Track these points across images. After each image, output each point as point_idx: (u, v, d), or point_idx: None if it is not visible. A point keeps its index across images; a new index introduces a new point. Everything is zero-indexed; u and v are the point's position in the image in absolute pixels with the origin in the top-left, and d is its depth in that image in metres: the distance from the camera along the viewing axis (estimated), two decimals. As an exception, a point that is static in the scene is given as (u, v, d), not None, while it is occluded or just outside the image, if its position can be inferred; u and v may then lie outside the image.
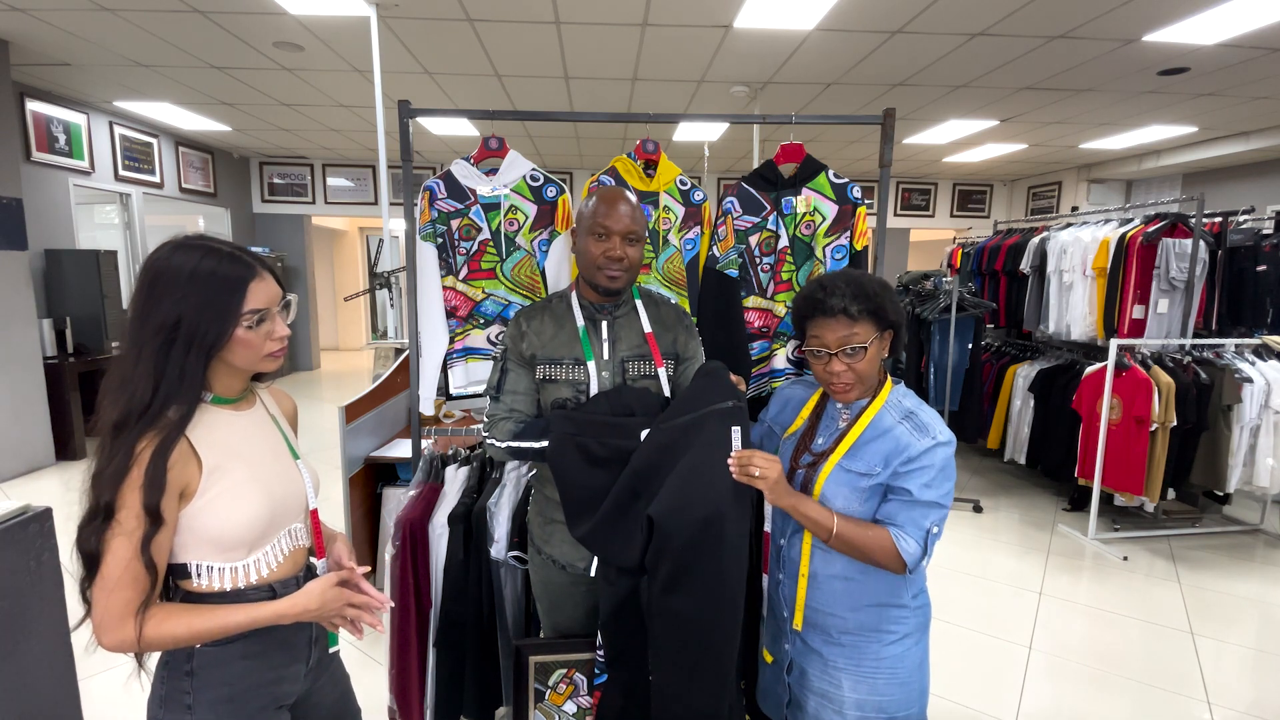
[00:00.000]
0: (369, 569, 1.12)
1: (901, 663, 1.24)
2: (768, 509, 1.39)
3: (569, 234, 1.94)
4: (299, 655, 1.07)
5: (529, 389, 1.44)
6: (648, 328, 1.45)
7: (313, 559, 1.12)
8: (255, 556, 1.00)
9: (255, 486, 0.99)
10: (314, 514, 1.11)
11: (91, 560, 0.89)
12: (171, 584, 0.98)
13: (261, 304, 0.97)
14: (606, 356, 1.42)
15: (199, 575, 0.97)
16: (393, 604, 1.13)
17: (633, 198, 1.39)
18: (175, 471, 0.92)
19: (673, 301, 1.57)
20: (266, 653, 1.02)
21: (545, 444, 1.34)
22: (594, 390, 1.40)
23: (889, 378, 1.29)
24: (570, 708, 1.48)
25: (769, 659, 1.41)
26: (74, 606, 1.59)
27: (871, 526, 1.18)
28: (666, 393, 1.44)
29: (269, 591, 1.02)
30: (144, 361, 0.91)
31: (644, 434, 1.30)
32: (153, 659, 1.00)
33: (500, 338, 1.97)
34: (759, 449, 1.28)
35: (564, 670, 1.48)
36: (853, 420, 1.26)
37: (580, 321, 1.43)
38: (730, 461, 1.20)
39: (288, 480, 1.07)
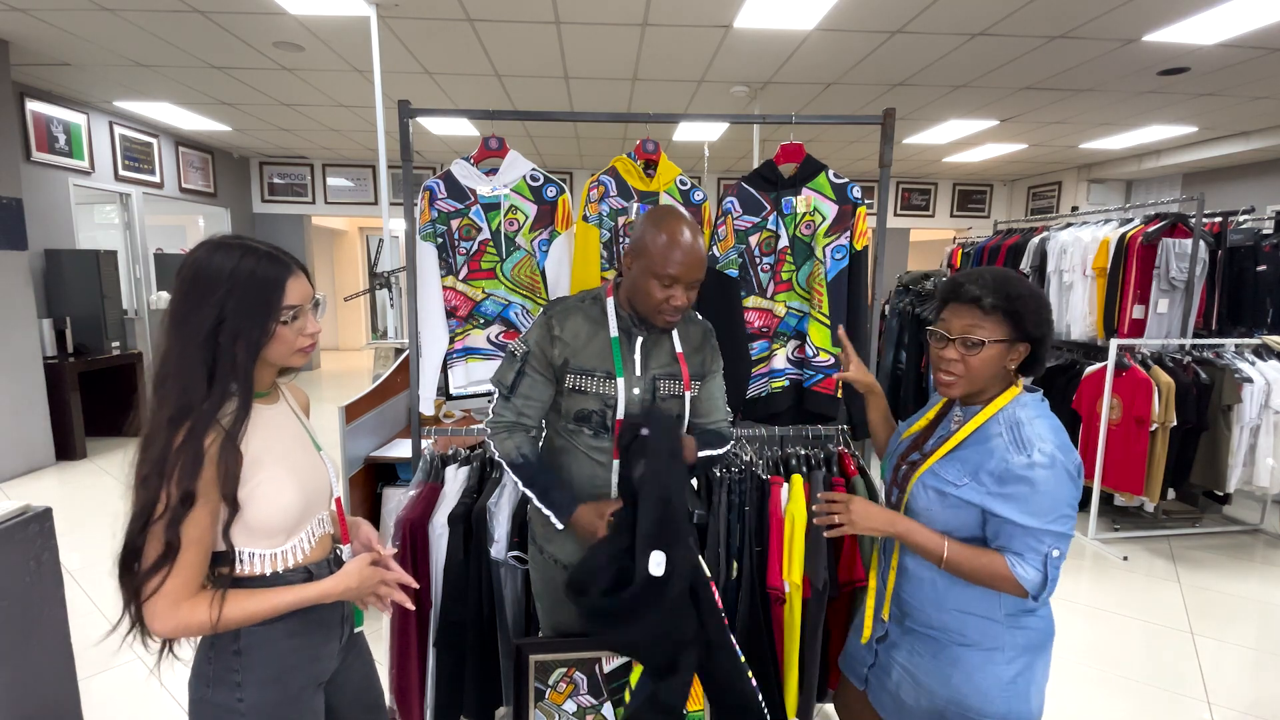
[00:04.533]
0: (396, 550, 1.18)
1: (982, 672, 1.17)
2: (880, 498, 1.40)
3: (569, 234, 1.94)
4: (334, 634, 1.13)
5: (543, 399, 1.39)
6: (679, 347, 1.42)
7: (338, 544, 1.17)
8: (292, 542, 1.05)
9: (290, 477, 1.04)
10: (338, 502, 1.17)
11: (137, 552, 0.91)
12: (211, 570, 1.00)
13: (296, 301, 1.01)
14: (638, 372, 1.38)
15: (241, 561, 1.01)
16: (417, 585, 1.18)
17: (700, 231, 1.32)
18: None
19: (698, 317, 1.53)
20: (307, 632, 1.07)
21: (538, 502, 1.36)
22: (622, 406, 1.36)
23: (1016, 384, 1.19)
24: (570, 706, 1.48)
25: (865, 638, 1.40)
26: (75, 605, 1.59)
27: (985, 553, 1.12)
28: (687, 415, 1.44)
29: (305, 574, 1.07)
30: (191, 358, 0.94)
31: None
32: (181, 644, 1.03)
33: (500, 337, 1.97)
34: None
35: (564, 669, 1.47)
36: (962, 424, 1.19)
37: (614, 332, 1.37)
38: (817, 520, 1.25)
39: (315, 470, 1.11)
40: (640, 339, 1.39)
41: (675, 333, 1.43)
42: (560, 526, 1.36)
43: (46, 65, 4.69)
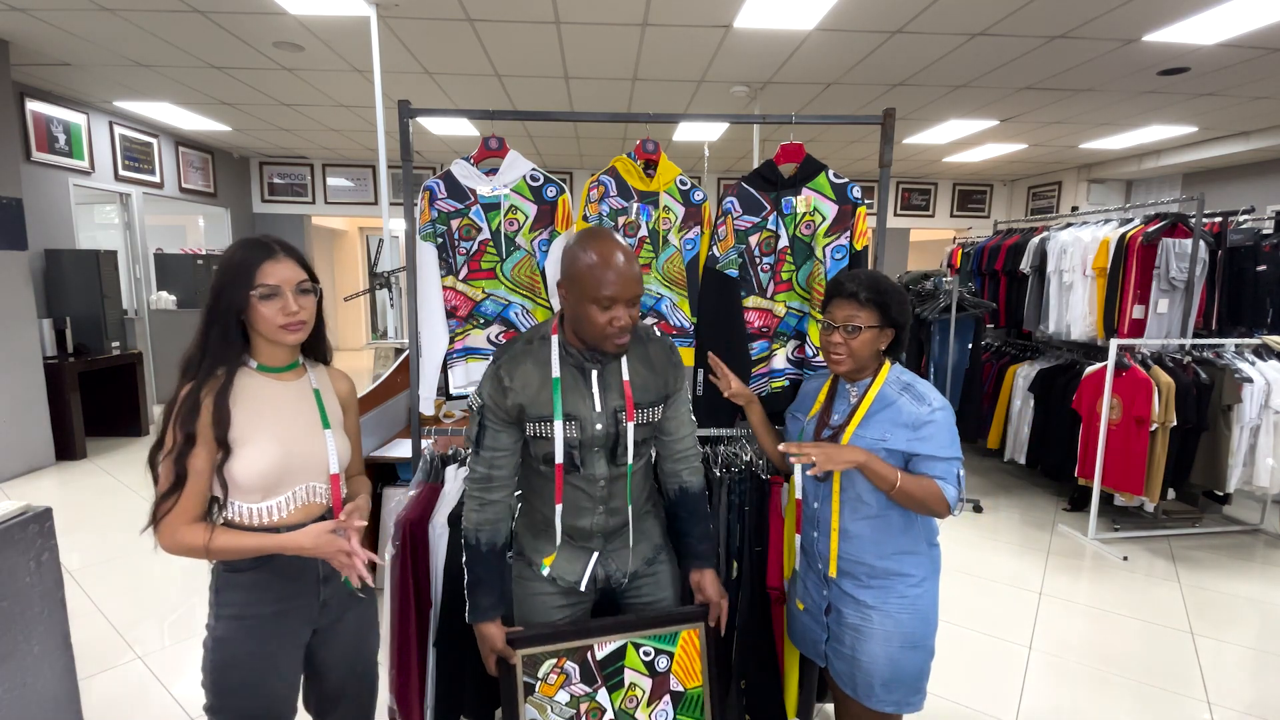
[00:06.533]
0: (364, 524, 1.24)
1: (921, 600, 1.43)
2: (797, 478, 1.53)
3: (569, 234, 1.94)
4: (305, 590, 1.27)
5: (509, 448, 1.38)
6: (626, 375, 1.38)
7: (330, 516, 1.28)
8: (269, 503, 1.20)
9: (273, 444, 1.19)
10: (334, 479, 1.28)
11: (155, 476, 1.15)
12: (217, 512, 1.21)
13: (273, 281, 1.16)
14: (599, 408, 1.35)
15: (226, 508, 1.20)
16: (380, 560, 1.33)
17: (627, 247, 1.28)
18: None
19: (657, 334, 1.50)
20: (271, 584, 1.23)
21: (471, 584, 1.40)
22: (560, 447, 1.33)
23: (886, 361, 1.47)
24: (563, 697, 1.44)
25: (801, 607, 1.58)
26: (75, 605, 1.59)
27: (922, 478, 1.36)
28: (631, 447, 1.38)
29: (276, 533, 1.19)
30: (201, 328, 1.17)
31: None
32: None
33: (500, 337, 1.97)
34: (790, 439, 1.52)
35: (554, 660, 1.43)
36: (861, 396, 1.45)
37: (555, 372, 1.33)
38: (792, 459, 1.36)
39: (310, 444, 1.25)
40: (596, 372, 1.35)
41: (626, 361, 1.39)
42: (468, 620, 1.41)
43: (46, 65, 4.69)
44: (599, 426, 1.35)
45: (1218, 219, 4.01)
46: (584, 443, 1.36)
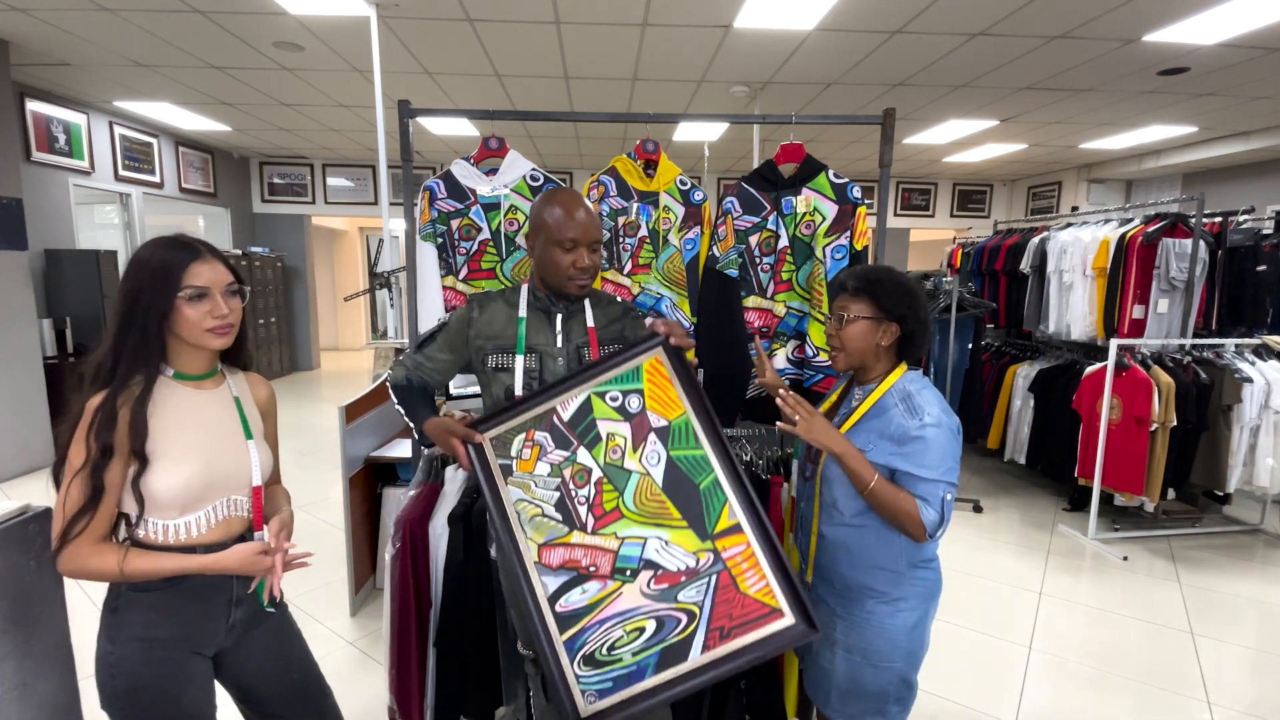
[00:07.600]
0: (293, 544, 1.22)
1: (890, 620, 1.35)
2: (794, 477, 1.50)
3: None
4: (215, 613, 1.20)
5: (440, 368, 1.53)
6: (590, 323, 1.49)
7: (252, 532, 1.23)
8: (187, 518, 1.13)
9: (192, 456, 1.13)
10: (256, 491, 1.23)
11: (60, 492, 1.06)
12: (125, 531, 1.14)
13: (201, 282, 1.11)
14: (560, 345, 1.46)
15: (139, 526, 1.12)
16: (308, 564, 1.25)
17: (587, 201, 1.42)
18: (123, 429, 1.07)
19: (618, 299, 1.60)
20: (181, 606, 1.16)
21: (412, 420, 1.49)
22: (520, 379, 1.44)
23: (901, 365, 1.38)
24: (543, 469, 1.35)
25: None
26: (75, 605, 1.59)
27: (903, 491, 1.27)
28: None
29: (193, 553, 1.14)
30: (115, 333, 1.09)
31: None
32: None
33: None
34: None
35: (522, 434, 1.36)
36: (861, 401, 1.39)
37: (522, 312, 1.47)
38: (783, 404, 1.31)
39: (232, 455, 1.19)
40: (560, 315, 1.47)
41: (591, 311, 1.49)
42: (416, 436, 1.50)
43: (46, 65, 4.69)
44: (560, 361, 1.45)
45: (1218, 219, 4.01)
46: (543, 377, 1.44)
